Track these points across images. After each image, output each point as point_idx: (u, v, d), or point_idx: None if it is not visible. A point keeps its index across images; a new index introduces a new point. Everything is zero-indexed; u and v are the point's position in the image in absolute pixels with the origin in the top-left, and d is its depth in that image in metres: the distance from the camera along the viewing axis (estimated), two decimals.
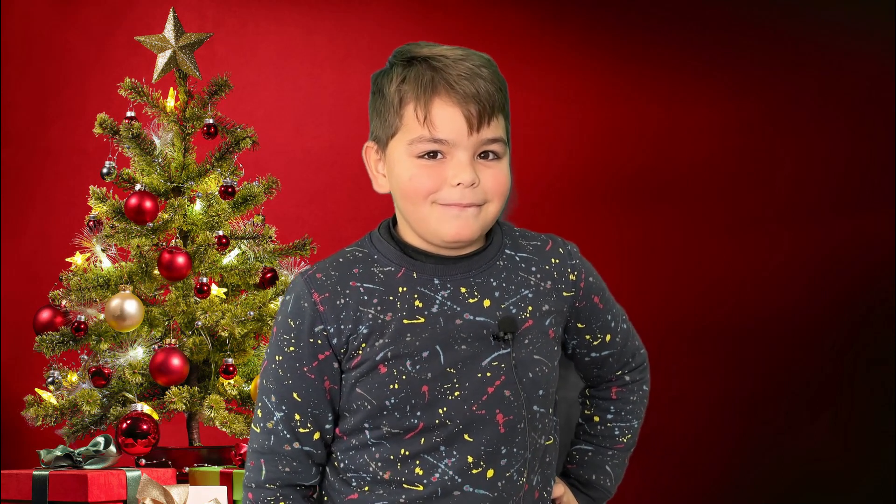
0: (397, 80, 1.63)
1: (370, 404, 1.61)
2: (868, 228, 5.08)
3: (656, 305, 4.90)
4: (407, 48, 1.65)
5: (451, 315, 1.63)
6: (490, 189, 1.63)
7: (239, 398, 3.48)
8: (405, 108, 1.62)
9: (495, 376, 1.63)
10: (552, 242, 1.73)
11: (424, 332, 1.62)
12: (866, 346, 5.06)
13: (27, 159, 4.62)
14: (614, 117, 5.06)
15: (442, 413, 1.61)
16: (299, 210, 4.62)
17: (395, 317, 1.62)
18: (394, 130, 1.63)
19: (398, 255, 1.65)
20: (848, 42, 5.11)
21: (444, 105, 1.60)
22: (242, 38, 4.80)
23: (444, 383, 1.61)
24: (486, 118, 1.61)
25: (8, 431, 4.38)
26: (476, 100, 1.60)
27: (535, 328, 1.67)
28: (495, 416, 1.62)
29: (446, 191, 1.61)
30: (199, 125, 3.59)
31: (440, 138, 1.60)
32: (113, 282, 3.45)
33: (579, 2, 5.11)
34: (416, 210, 1.63)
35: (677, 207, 5.08)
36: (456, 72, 1.60)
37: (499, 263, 1.68)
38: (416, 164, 1.62)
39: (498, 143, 1.63)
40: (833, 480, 4.95)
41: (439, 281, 1.64)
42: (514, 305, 1.66)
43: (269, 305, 3.48)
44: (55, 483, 3.03)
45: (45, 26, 4.67)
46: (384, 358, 1.61)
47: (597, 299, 1.74)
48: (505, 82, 1.65)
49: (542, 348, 1.67)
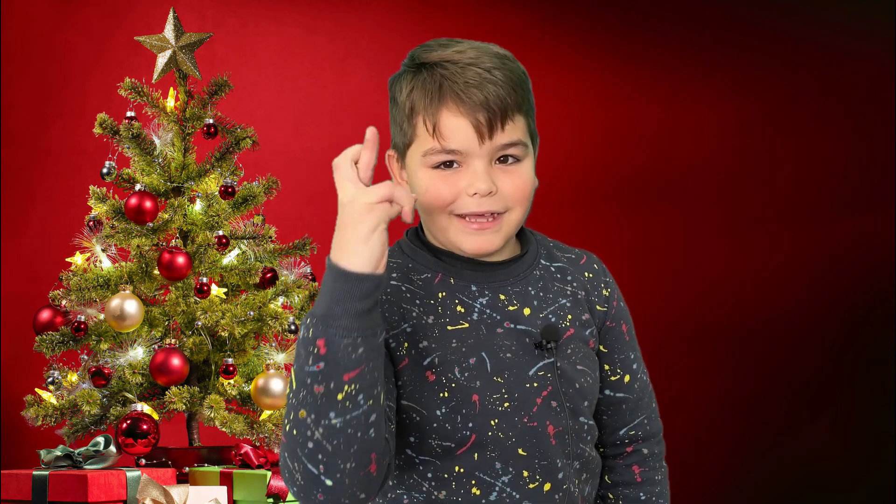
0: (407, 89, 1.58)
1: (419, 415, 1.54)
2: (868, 228, 5.09)
3: (656, 305, 4.90)
4: (419, 51, 1.59)
5: (491, 323, 1.57)
6: (510, 196, 1.57)
7: (239, 398, 3.48)
8: (416, 117, 1.57)
9: (542, 387, 1.57)
10: (587, 257, 1.70)
11: (469, 337, 1.56)
12: (866, 346, 5.06)
13: (27, 159, 4.62)
14: (614, 117, 5.07)
15: (493, 425, 1.54)
16: (299, 210, 4.62)
17: (439, 321, 1.56)
18: (409, 140, 1.58)
19: (433, 261, 1.60)
20: (848, 42, 5.11)
21: (452, 116, 1.54)
22: (242, 38, 4.80)
23: (492, 393, 1.55)
24: (498, 124, 1.55)
25: (8, 431, 4.38)
26: (485, 107, 1.54)
27: (576, 337, 1.62)
28: (546, 427, 1.57)
29: (463, 200, 1.55)
30: (199, 125, 3.59)
31: (452, 149, 1.55)
32: (113, 282, 3.45)
33: (579, 2, 5.11)
34: (435, 221, 1.58)
35: (677, 207, 5.08)
36: (463, 79, 1.54)
37: (535, 273, 1.63)
38: (431, 176, 1.56)
39: (516, 147, 1.57)
40: (833, 480, 4.95)
41: (477, 288, 1.59)
42: (553, 314, 1.61)
43: (269, 305, 3.48)
44: (55, 483, 3.03)
45: (45, 26, 4.67)
46: (431, 364, 1.54)
47: (624, 328, 1.70)
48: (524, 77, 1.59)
49: (584, 358, 1.62)
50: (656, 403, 1.75)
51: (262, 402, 3.40)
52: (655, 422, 1.74)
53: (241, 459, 3.27)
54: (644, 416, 1.72)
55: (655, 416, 1.75)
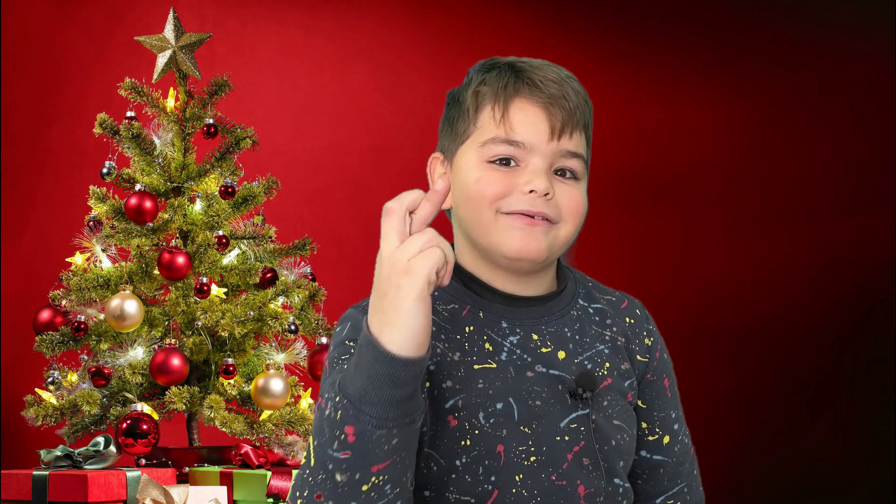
0: (476, 84, 1.44)
1: (437, 465, 1.37)
2: (868, 228, 5.09)
3: (656, 305, 4.88)
4: (490, 59, 1.47)
5: (521, 365, 1.40)
6: (565, 206, 1.42)
7: (239, 398, 3.47)
8: (482, 111, 1.43)
9: (574, 441, 1.40)
10: (628, 301, 1.55)
11: (497, 379, 1.39)
12: (866, 346, 5.06)
13: (27, 159, 4.62)
14: (614, 117, 5.06)
15: (518, 481, 1.38)
16: (299, 210, 4.62)
17: (465, 359, 1.39)
18: (466, 136, 1.44)
19: (461, 291, 1.43)
20: (848, 42, 5.11)
21: (526, 105, 1.41)
22: (242, 38, 4.80)
23: (518, 444, 1.38)
24: (571, 127, 1.41)
25: (8, 431, 4.38)
26: (562, 105, 1.40)
27: (614, 388, 1.46)
28: (577, 488, 1.40)
29: (515, 197, 1.40)
30: (199, 125, 3.59)
31: (516, 140, 1.40)
32: (113, 282, 3.45)
33: (579, 2, 5.11)
34: (478, 217, 1.41)
35: (677, 207, 5.08)
36: (543, 74, 1.42)
37: (573, 313, 1.47)
38: (486, 168, 1.41)
39: (578, 160, 1.43)
40: (833, 480, 4.95)
41: (507, 325, 1.42)
42: (589, 360, 1.45)
43: (269, 305, 3.48)
44: (55, 483, 3.03)
45: (45, 26, 4.67)
46: (454, 407, 1.37)
47: (667, 383, 1.55)
48: (591, 104, 1.46)
49: (622, 413, 1.46)
50: (698, 471, 1.60)
51: (262, 402, 3.40)
52: (697, 492, 1.59)
53: (241, 459, 3.27)
54: (685, 484, 1.57)
55: (697, 484, 1.59)
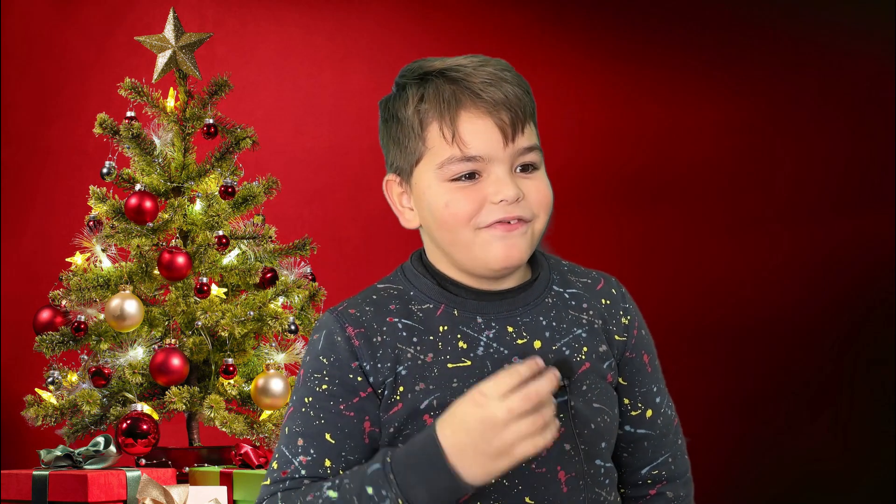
0: (414, 101, 1.44)
1: None
2: (868, 228, 5.08)
3: (656, 305, 4.89)
4: (416, 65, 1.47)
5: (498, 358, 1.44)
6: (535, 202, 1.45)
7: (239, 398, 3.48)
8: (428, 129, 1.44)
9: None
10: (604, 281, 1.56)
11: (472, 377, 1.42)
12: (866, 346, 5.06)
13: (27, 159, 4.62)
14: (614, 117, 5.06)
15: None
16: (299, 210, 4.62)
17: (438, 359, 1.43)
18: (418, 157, 1.45)
19: (437, 291, 1.47)
20: (848, 42, 5.11)
21: (473, 118, 1.42)
22: (242, 38, 4.80)
23: None
24: (520, 125, 1.44)
25: (8, 431, 4.38)
26: (507, 106, 1.43)
27: (593, 372, 1.48)
28: (556, 473, 1.44)
29: (487, 209, 1.43)
30: (199, 125, 3.59)
31: (473, 155, 1.42)
32: (113, 282, 3.45)
33: (579, 2, 5.11)
34: (456, 239, 1.44)
35: (677, 207, 5.08)
36: (479, 79, 1.43)
37: (547, 301, 1.49)
38: (450, 189, 1.43)
39: (534, 152, 1.46)
40: (833, 480, 4.95)
41: (483, 319, 1.46)
42: (567, 346, 1.48)
43: (269, 305, 3.48)
44: (55, 483, 3.03)
45: (45, 26, 4.67)
46: (430, 407, 1.42)
47: (646, 359, 1.56)
48: (529, 86, 1.49)
49: (602, 395, 1.48)
50: (683, 440, 1.62)
51: (262, 402, 3.40)
52: (681, 460, 1.60)
53: (241, 459, 3.27)
54: (669, 455, 1.58)
55: (682, 453, 1.61)
